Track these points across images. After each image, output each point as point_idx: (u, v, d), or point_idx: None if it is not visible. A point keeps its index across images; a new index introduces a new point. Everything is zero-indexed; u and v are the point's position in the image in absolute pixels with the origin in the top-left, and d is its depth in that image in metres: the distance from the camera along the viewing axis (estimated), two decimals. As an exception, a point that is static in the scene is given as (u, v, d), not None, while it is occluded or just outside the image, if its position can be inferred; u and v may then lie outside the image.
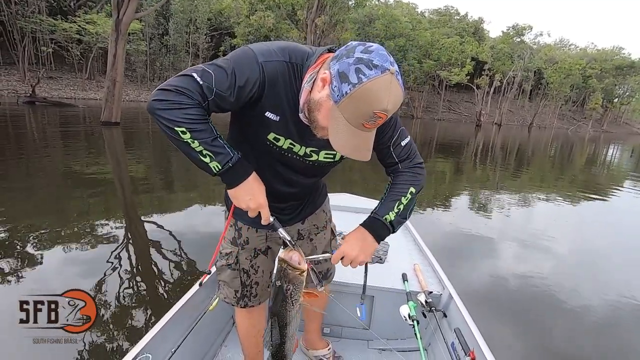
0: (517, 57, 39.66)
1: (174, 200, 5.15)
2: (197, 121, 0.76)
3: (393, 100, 0.70)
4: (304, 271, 0.84)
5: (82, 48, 27.20)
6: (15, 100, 19.54)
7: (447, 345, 1.39)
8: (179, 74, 0.78)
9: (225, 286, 1.18)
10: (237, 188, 0.85)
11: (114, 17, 11.42)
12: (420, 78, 39.92)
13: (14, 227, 3.60)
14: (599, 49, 54.22)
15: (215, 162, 0.79)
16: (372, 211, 1.02)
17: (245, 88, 0.79)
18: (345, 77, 0.70)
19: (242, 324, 1.26)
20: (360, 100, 0.70)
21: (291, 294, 0.84)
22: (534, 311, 2.86)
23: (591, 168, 13.62)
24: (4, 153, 7.17)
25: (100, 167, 6.88)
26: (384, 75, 0.69)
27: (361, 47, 0.72)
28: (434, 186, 7.40)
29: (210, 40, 36.16)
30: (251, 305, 1.19)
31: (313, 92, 0.80)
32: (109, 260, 3.02)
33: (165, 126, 0.75)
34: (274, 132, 0.88)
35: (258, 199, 0.87)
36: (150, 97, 0.77)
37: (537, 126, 49.08)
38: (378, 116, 0.71)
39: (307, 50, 0.86)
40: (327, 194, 1.31)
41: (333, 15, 23.15)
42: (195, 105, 0.76)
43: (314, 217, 1.23)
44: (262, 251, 1.16)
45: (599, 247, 4.62)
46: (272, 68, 0.80)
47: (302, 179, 1.04)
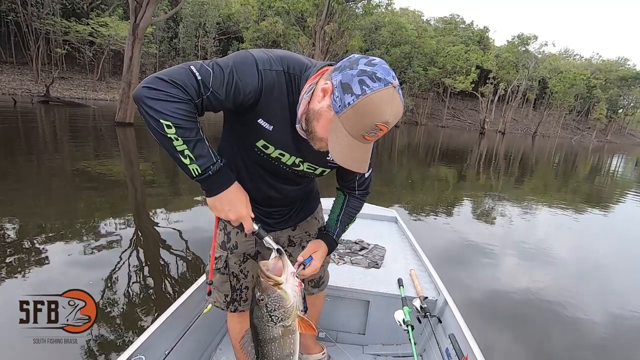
0: (522, 66, 39.93)
1: (182, 200, 5.22)
2: (186, 118, 0.72)
3: (394, 113, 0.72)
4: (278, 283, 0.77)
5: (94, 50, 27.78)
6: (29, 100, 20.02)
7: (441, 351, 1.40)
8: (177, 66, 0.75)
9: (215, 290, 1.15)
10: (215, 197, 0.82)
11: (131, 22, 11.83)
12: (425, 85, 40.26)
13: (40, 224, 3.82)
14: (604, 59, 54.35)
15: (195, 165, 0.76)
16: (330, 232, 1.11)
17: (242, 93, 0.78)
18: (348, 88, 0.71)
19: (233, 329, 1.23)
20: (363, 112, 0.70)
21: (267, 306, 0.77)
22: (530, 320, 2.84)
23: (595, 178, 13.61)
24: (28, 151, 7.52)
25: (113, 165, 7.18)
26: (386, 88, 0.70)
27: (364, 60, 0.73)
28: (436, 193, 7.45)
29: (219, 44, 36.78)
30: (241, 310, 1.16)
31: (312, 103, 0.80)
32: (116, 258, 3.07)
33: (151, 117, 0.71)
34: (264, 140, 0.87)
35: (238, 210, 0.84)
36: (140, 83, 0.72)
37: (541, 135, 49.14)
38: (379, 128, 0.72)
39: (306, 62, 0.85)
40: (320, 201, 1.30)
41: (342, 23, 23.56)
42: (187, 101, 0.72)
43: (306, 224, 1.22)
44: (252, 256, 1.13)
45: (600, 257, 4.58)
46: (271, 77, 0.80)
47: (286, 186, 1.04)
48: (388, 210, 2.98)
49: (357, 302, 1.74)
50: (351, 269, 1.91)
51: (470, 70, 37.20)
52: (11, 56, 28.16)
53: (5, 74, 26.22)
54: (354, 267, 1.93)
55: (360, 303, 1.74)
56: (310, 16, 23.13)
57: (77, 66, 30.35)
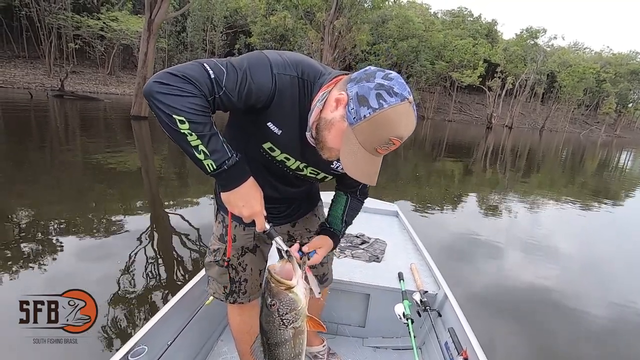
0: (530, 59, 39.57)
1: (191, 191, 5.31)
2: (199, 112, 0.70)
3: (409, 129, 0.73)
4: (290, 287, 0.75)
5: (104, 44, 28.15)
6: (44, 94, 20.48)
7: (441, 345, 1.41)
8: (190, 62, 0.73)
9: (214, 282, 1.17)
10: (230, 192, 0.81)
11: (146, 17, 12.10)
12: (432, 79, 40.12)
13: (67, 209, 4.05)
14: (614, 52, 53.50)
15: (210, 161, 0.74)
16: (336, 231, 1.11)
17: (255, 95, 0.77)
18: (365, 100, 0.71)
19: (233, 320, 1.24)
20: (379, 125, 0.71)
21: (279, 311, 0.75)
22: (533, 315, 2.84)
23: (602, 173, 13.52)
24: (49, 143, 7.91)
25: (128, 157, 7.51)
26: (403, 104, 0.71)
27: (381, 74, 0.73)
28: (442, 187, 7.47)
29: (226, 38, 36.93)
30: (240, 302, 1.16)
31: (324, 112, 0.79)
32: (126, 249, 3.11)
33: (163, 112, 0.69)
34: (272, 143, 0.88)
35: (252, 206, 0.83)
36: (151, 78, 0.70)
37: (549, 130, 48.72)
38: (392, 142, 0.73)
39: (320, 69, 0.85)
40: (321, 199, 1.30)
41: (351, 18, 23.58)
42: (200, 96, 0.71)
43: (306, 221, 1.23)
44: (250, 249, 1.14)
45: (606, 252, 4.56)
46: (284, 81, 0.79)
47: (287, 187, 1.05)
48: (389, 205, 3.01)
49: (358, 295, 1.76)
50: (352, 262, 1.93)
51: (478, 64, 36.97)
52: (23, 50, 28.66)
53: (19, 68, 26.73)
54: (354, 261, 1.95)
55: (361, 296, 1.77)
56: (320, 11, 23.20)
57: (87, 60, 30.78)
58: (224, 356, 1.59)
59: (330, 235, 1.08)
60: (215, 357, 1.58)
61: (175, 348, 1.28)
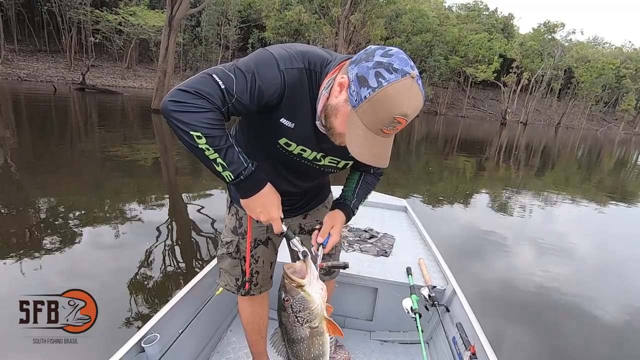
0: (547, 54, 38.76)
1: (205, 185, 5.33)
2: (215, 127, 0.73)
3: (413, 105, 0.70)
4: (301, 285, 0.78)
5: (122, 39, 28.77)
6: (66, 87, 21.19)
7: (449, 340, 1.41)
8: (199, 75, 0.75)
9: (225, 274, 1.18)
10: (248, 199, 0.84)
11: (167, 13, 12.45)
12: (445, 74, 39.70)
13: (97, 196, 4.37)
14: (636, 47, 51.96)
15: (228, 172, 0.77)
16: (347, 202, 1.08)
17: (266, 95, 0.77)
18: (364, 81, 0.69)
19: (244, 311, 1.26)
20: (380, 105, 0.69)
21: (292, 307, 0.78)
22: (542, 314, 2.80)
23: (620, 171, 13.30)
24: (76, 135, 8.32)
25: (150, 148, 7.86)
26: (404, 79, 0.68)
27: (380, 51, 0.71)
28: (455, 183, 7.50)
29: (240, 33, 37.20)
30: (252, 293, 1.18)
31: (330, 98, 0.79)
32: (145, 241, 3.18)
33: (181, 129, 0.72)
34: (286, 138, 0.88)
35: (269, 212, 0.85)
36: (166, 97, 0.72)
37: (565, 126, 47.82)
38: (398, 121, 0.70)
39: (326, 56, 0.84)
40: (331, 191, 1.30)
41: (366, 13, 23.55)
42: (214, 110, 0.73)
43: (317, 213, 1.22)
44: (262, 242, 1.16)
45: (621, 253, 4.49)
46: (292, 75, 0.79)
47: (302, 182, 1.05)
48: (398, 200, 3.02)
49: (366, 289, 1.77)
50: (360, 256, 1.94)
51: (493, 59, 36.42)
52: (45, 44, 29.53)
53: (41, 61, 27.60)
54: (363, 255, 1.95)
55: (369, 290, 1.78)
56: (335, 6, 23.24)
57: (105, 54, 31.52)
58: (233, 346, 1.62)
59: (341, 207, 1.06)
60: (225, 347, 1.61)
61: (186, 336, 1.31)
